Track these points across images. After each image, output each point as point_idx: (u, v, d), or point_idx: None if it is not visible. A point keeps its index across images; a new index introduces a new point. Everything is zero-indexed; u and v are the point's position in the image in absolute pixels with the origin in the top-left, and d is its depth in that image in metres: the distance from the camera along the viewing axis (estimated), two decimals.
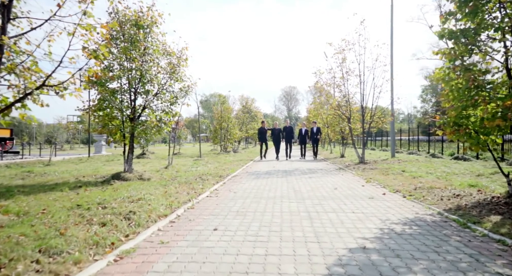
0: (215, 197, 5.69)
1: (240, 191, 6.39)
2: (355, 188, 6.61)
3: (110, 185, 6.79)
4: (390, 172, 8.98)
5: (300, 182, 7.71)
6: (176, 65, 8.36)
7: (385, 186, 6.68)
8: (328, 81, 13.21)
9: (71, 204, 4.51)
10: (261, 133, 16.14)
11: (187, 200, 5.15)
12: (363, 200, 5.33)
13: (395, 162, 12.11)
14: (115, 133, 7.88)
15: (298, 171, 10.25)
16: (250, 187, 6.86)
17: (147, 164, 12.80)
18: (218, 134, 21.65)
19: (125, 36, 7.53)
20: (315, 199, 5.49)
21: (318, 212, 4.48)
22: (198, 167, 11.25)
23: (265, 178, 8.43)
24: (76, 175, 8.67)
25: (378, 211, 4.49)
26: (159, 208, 4.33)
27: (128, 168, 7.85)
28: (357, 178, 8.30)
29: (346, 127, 13.98)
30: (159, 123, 8.14)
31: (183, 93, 8.75)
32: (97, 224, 3.45)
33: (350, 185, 7.13)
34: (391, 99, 14.41)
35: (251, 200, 5.38)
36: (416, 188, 5.95)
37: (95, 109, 7.39)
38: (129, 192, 5.65)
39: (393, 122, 14.49)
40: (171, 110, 8.45)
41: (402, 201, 5.17)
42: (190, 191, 6.08)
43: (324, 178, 8.47)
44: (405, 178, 7.55)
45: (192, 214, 4.35)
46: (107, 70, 7.44)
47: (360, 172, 9.56)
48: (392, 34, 14.42)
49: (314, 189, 6.60)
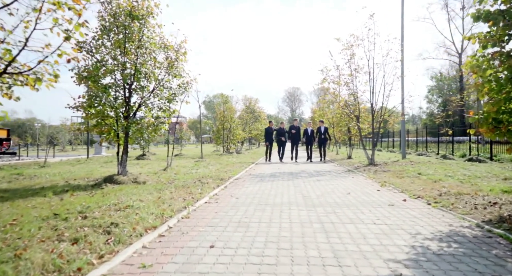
0: (214, 204, 5.07)
1: (242, 196, 5.77)
2: (370, 193, 5.96)
3: (101, 189, 6.20)
4: (405, 174, 8.31)
5: (308, 185, 7.08)
6: (174, 59, 7.77)
7: (404, 190, 6.02)
8: (335, 79, 12.55)
9: (48, 213, 3.91)
10: (267, 133, 15.29)
11: (182, 208, 4.53)
12: (382, 207, 4.68)
13: (407, 164, 11.43)
14: (108, 132, 7.30)
15: (304, 173, 9.61)
16: (253, 192, 6.24)
17: (146, 166, 12.22)
18: (221, 135, 21.05)
19: (119, 28, 6.96)
20: (327, 206, 4.86)
21: (333, 222, 3.84)
22: (198, 168, 10.65)
23: (270, 181, 7.80)
24: (67, 177, 8.10)
25: (404, 222, 3.84)
26: (148, 218, 3.72)
27: (122, 170, 7.26)
28: (369, 181, 7.64)
29: (355, 127, 13.29)
30: (155, 122, 7.55)
31: (182, 90, 8.16)
32: (68, 240, 2.85)
33: (363, 189, 6.48)
34: (402, 97, 13.73)
35: (255, 207, 4.76)
36: (441, 194, 5.28)
37: (86, 107, 6.80)
38: (118, 197, 5.05)
39: (404, 122, 13.80)
40: (169, 108, 7.85)
41: (427, 209, 4.52)
42: (187, 196, 5.47)
43: (333, 181, 7.82)
44: (424, 182, 6.89)
45: (186, 225, 3.73)
46: (100, 64, 6.87)
47: (372, 174, 8.89)
48: (403, 27, 13.73)
49: (324, 193, 5.97)
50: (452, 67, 53.02)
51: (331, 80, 12.46)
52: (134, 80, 7.07)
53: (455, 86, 51.64)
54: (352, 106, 12.23)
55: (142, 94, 7.29)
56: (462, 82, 47.71)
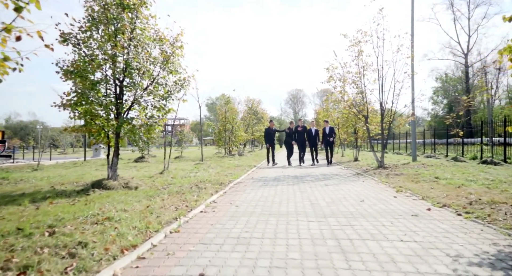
0: (211, 213, 4.44)
1: (243, 203, 5.13)
2: (387, 200, 5.30)
3: (86, 195, 5.60)
4: (421, 178, 7.63)
5: (315, 191, 6.43)
6: (170, 54, 7.17)
7: (424, 197, 5.36)
8: (342, 77, 11.89)
9: (11, 227, 3.29)
10: (268, 134, 13.65)
11: (172, 219, 3.90)
12: (405, 218, 4.03)
13: (419, 167, 10.74)
14: (98, 133, 6.70)
15: (310, 177, 8.96)
16: (256, 198, 5.60)
17: (143, 169, 11.62)
18: (222, 136, 20.43)
19: (109, 19, 6.37)
20: (340, 216, 4.21)
21: (351, 239, 3.20)
22: (197, 172, 10.03)
23: (273, 186, 7.17)
24: (55, 182, 7.50)
25: (436, 238, 3.19)
26: (128, 233, 3.09)
27: (112, 174, 6.65)
28: (383, 186, 6.99)
29: (363, 127, 12.62)
30: (148, 121, 6.94)
31: (179, 87, 7.55)
32: (16, 268, 2.22)
33: (378, 195, 5.83)
34: (412, 96, 13.06)
35: (257, 218, 4.12)
36: (471, 202, 4.61)
37: (73, 105, 6.20)
38: (102, 206, 4.44)
39: (414, 122, 13.12)
40: (164, 107, 7.24)
41: (459, 221, 3.86)
42: (180, 204, 4.84)
43: (343, 185, 7.17)
44: (444, 187, 6.22)
45: (174, 242, 3.10)
46: (88, 59, 6.28)
47: (384, 178, 8.23)
48: (413, 21, 13.08)
49: (335, 200, 5.32)
50: (457, 68, 52.20)
51: (338, 78, 11.81)
52: (125, 76, 6.47)
53: (461, 87, 50.79)
54: (361, 105, 11.55)
55: (135, 92, 6.68)
56: (468, 83, 46.91)
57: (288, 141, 13.45)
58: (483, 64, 45.89)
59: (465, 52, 47.48)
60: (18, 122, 79.76)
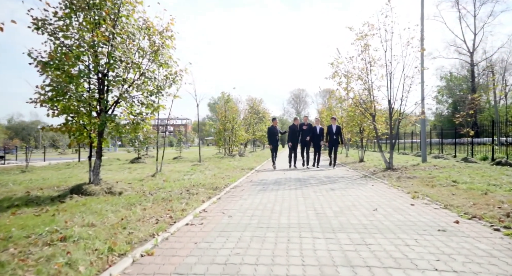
0: (198, 226, 3.74)
1: (238, 213, 4.44)
2: (404, 209, 4.59)
3: (61, 202, 4.93)
4: (437, 182, 6.91)
5: (320, 196, 5.73)
6: (159, 45, 6.48)
7: (447, 206, 4.64)
8: (347, 73, 11.16)
9: None
10: (272, 134, 12.17)
11: (149, 235, 3.21)
12: (432, 234, 3.32)
13: (431, 168, 10.00)
14: (80, 132, 6.03)
15: (314, 180, 8.25)
16: (253, 206, 4.90)
17: (136, 171, 10.96)
18: (222, 136, 19.74)
19: (89, 4, 5.69)
20: (351, 230, 3.51)
21: (370, 266, 2.49)
22: (193, 174, 9.35)
23: (273, 190, 6.47)
24: (33, 186, 6.84)
25: (481, 266, 2.47)
26: (82, 261, 2.39)
27: (94, 178, 5.97)
28: (395, 191, 6.27)
29: (370, 126, 11.89)
30: (135, 119, 6.26)
31: (170, 82, 6.86)
32: None
33: (392, 202, 5.11)
34: (422, 93, 12.31)
35: (252, 233, 3.42)
36: (508, 214, 3.87)
37: (47, 101, 5.52)
38: (71, 218, 3.77)
39: (424, 121, 12.38)
40: (153, 103, 6.56)
41: (500, 239, 3.13)
42: (164, 214, 4.15)
43: (350, 190, 6.46)
44: (467, 193, 5.49)
45: (141, 272, 2.41)
46: (65, 49, 5.60)
47: (395, 181, 7.51)
48: (423, 10, 12.33)
49: (343, 209, 4.61)
50: (462, 66, 51.20)
51: (343, 74, 11.08)
52: (108, 68, 5.78)
53: (466, 86, 49.81)
54: (368, 103, 10.82)
55: (119, 86, 6.00)
56: (474, 82, 45.96)
57: (292, 140, 11.99)
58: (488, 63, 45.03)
59: (470, 51, 46.52)
60: (20, 122, 79.54)
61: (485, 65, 46.83)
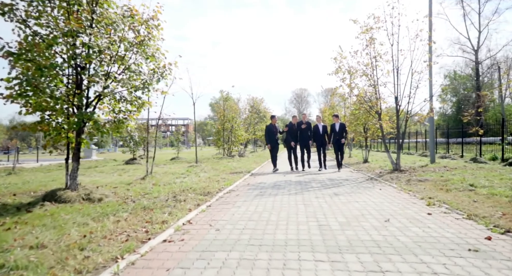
0: (177, 244, 3.11)
1: (227, 225, 3.81)
2: (420, 220, 3.94)
3: (28, 212, 4.32)
4: (452, 186, 6.26)
5: (323, 203, 5.09)
6: (144, 35, 5.86)
7: (470, 216, 3.99)
8: (351, 68, 10.50)
9: None
10: (270, 132, 10.92)
11: (110, 259, 2.59)
12: (462, 256, 2.68)
13: (441, 170, 9.34)
14: (57, 132, 5.41)
15: (316, 183, 7.61)
16: (246, 216, 4.27)
17: (128, 172, 10.36)
18: (221, 136, 19.11)
19: None
20: (362, 249, 2.87)
21: None
22: (186, 176, 8.73)
23: (271, 196, 5.84)
24: (6, 192, 6.24)
25: None
26: None
27: (71, 182, 5.36)
28: (406, 196, 5.63)
29: (376, 125, 11.21)
30: (116, 117, 5.64)
31: (157, 77, 6.24)
32: None
33: (405, 210, 4.47)
34: (430, 90, 11.65)
35: (241, 255, 2.79)
36: None
37: (15, 96, 4.91)
38: (27, 233, 3.15)
39: (433, 119, 11.70)
40: (138, 99, 5.94)
41: None
42: (139, 228, 3.53)
43: (357, 195, 5.82)
44: (491, 200, 4.83)
45: None
46: (38, 39, 4.99)
47: (405, 185, 6.86)
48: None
49: (350, 220, 3.98)
50: (467, 65, 50.28)
51: (347, 69, 10.42)
52: (85, 60, 5.16)
53: (470, 84, 48.89)
54: (374, 100, 10.16)
55: (99, 81, 5.37)
56: (479, 80, 45.07)
57: (289, 140, 10.81)
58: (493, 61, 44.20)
59: (475, 49, 45.60)
60: (21, 122, 79.37)
61: (489, 64, 46.01)
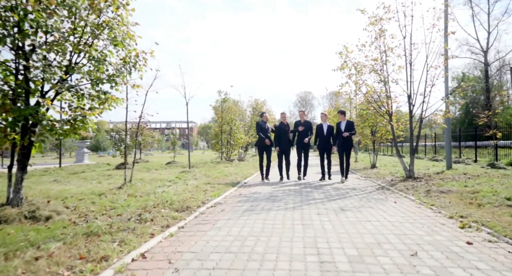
0: None
1: (193, 261, 2.74)
2: (460, 253, 2.85)
3: None
4: (483, 199, 5.14)
5: (327, 223, 4.01)
6: (111, 19, 4.84)
7: None
8: (359, 63, 9.41)
9: None
10: (262, 130, 9.06)
11: None
12: None
13: (461, 177, 8.20)
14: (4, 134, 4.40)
15: (318, 193, 6.53)
16: (223, 245, 3.19)
17: (109, 180, 9.33)
18: (219, 139, 18.07)
19: None
20: None
21: None
22: (172, 185, 7.69)
23: (264, 211, 4.77)
24: None
25: None
26: None
27: (14, 196, 4.33)
28: (428, 213, 4.53)
29: (386, 126, 10.10)
30: (72, 115, 4.61)
31: (129, 68, 5.23)
32: None
33: (434, 237, 3.38)
34: (446, 89, 10.53)
35: None
36: None
37: None
38: None
39: (449, 120, 10.57)
40: (103, 94, 4.91)
41: None
42: (61, 271, 2.47)
43: (367, 210, 4.73)
44: None
45: None
46: None
47: (424, 197, 5.76)
48: None
49: (363, 253, 2.90)
50: (475, 67, 48.82)
51: (353, 65, 9.34)
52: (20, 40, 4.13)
53: (479, 87, 47.41)
54: (385, 98, 9.07)
55: (47, 70, 4.34)
56: (488, 82, 43.63)
57: (280, 143, 9.02)
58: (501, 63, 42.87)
59: (484, 50, 44.21)
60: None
61: (498, 65, 44.63)
